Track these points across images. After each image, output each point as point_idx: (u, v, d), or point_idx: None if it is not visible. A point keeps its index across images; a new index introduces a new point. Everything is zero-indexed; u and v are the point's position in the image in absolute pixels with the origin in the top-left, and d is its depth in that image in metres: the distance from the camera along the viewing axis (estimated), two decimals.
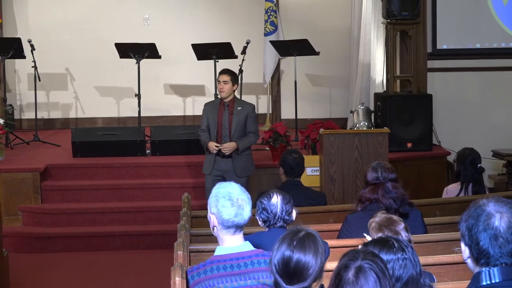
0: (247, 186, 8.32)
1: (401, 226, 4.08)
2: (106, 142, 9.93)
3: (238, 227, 3.88)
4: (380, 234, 4.03)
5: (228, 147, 8.02)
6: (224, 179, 7.94)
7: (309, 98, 12.32)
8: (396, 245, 3.19)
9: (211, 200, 3.90)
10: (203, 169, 8.36)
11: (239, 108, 8.15)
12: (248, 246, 3.87)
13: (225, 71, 8.21)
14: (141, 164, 9.68)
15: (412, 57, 10.39)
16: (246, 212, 3.86)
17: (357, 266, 2.74)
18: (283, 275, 3.09)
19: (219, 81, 8.15)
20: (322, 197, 6.94)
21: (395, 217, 4.17)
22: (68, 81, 12.40)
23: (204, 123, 8.24)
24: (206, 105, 8.40)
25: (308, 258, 3.08)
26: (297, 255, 3.08)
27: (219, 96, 8.35)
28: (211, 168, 8.16)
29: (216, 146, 8.04)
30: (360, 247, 3.17)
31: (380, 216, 4.17)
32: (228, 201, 3.83)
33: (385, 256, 3.13)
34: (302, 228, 3.18)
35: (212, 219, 3.89)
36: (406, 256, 3.17)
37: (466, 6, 11.10)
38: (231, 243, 3.87)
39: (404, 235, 4.03)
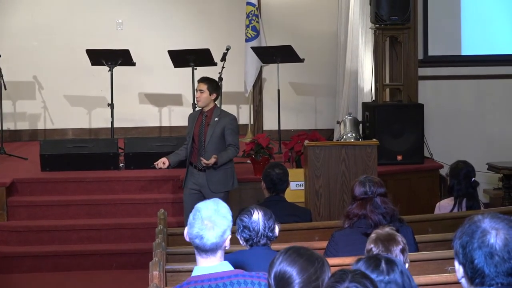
0: (227, 203, 8.26)
1: (398, 247, 4.08)
2: (77, 155, 9.90)
3: (201, 250, 3.79)
4: (372, 246, 4.06)
5: (208, 162, 7.91)
6: (201, 193, 7.94)
7: (293, 108, 12.34)
8: (384, 266, 3.19)
9: None
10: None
11: (216, 119, 8.07)
12: (226, 266, 3.85)
13: (202, 79, 8.21)
14: (114, 179, 9.65)
15: (402, 64, 10.41)
16: (209, 237, 3.75)
17: None
18: (274, 286, 3.18)
19: (196, 89, 8.17)
20: (307, 213, 6.93)
21: (399, 237, 4.16)
22: (36, 89, 12.35)
23: (188, 135, 8.25)
24: (189, 115, 8.44)
25: (293, 271, 3.15)
26: (282, 267, 3.17)
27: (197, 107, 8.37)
28: (186, 180, 8.15)
29: (163, 163, 8.05)
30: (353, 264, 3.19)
31: (384, 230, 4.20)
32: (195, 219, 3.79)
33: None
34: (302, 246, 3.23)
35: (185, 231, 3.88)
36: (391, 279, 3.17)
37: (459, 10, 11.16)
38: (207, 263, 3.84)
39: (396, 254, 4.04)
